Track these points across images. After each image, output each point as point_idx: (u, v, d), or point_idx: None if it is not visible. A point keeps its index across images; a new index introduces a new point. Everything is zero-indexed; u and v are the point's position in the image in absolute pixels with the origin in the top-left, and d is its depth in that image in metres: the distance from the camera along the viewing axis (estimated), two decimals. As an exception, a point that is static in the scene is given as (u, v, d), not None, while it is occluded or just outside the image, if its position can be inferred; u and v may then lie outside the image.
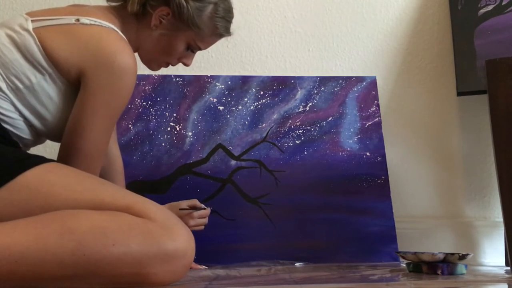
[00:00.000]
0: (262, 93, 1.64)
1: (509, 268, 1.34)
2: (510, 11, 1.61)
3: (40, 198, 0.86)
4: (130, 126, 1.56)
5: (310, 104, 1.64)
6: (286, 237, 1.48)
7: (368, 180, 1.56)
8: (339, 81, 1.67)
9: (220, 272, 1.19)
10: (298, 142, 1.60)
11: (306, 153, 1.59)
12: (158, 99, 1.60)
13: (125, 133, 1.55)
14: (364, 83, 1.67)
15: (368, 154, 1.59)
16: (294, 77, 1.68)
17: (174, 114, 1.59)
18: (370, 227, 1.51)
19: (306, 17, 1.79)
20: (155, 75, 1.61)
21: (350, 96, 1.65)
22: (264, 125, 1.61)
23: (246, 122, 1.61)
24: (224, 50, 1.76)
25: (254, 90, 1.64)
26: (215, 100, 1.62)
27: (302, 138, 1.60)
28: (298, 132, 1.61)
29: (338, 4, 1.79)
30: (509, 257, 1.20)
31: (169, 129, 1.58)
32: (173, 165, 1.54)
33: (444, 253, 1.07)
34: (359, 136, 1.61)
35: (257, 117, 1.62)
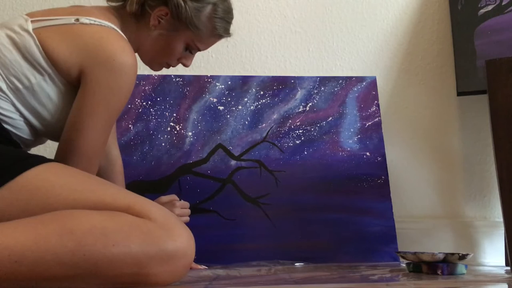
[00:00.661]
0: (262, 93, 1.64)
1: (509, 268, 1.34)
2: (510, 11, 1.61)
3: (40, 198, 0.86)
4: (130, 126, 1.56)
5: (310, 104, 1.64)
6: (286, 237, 1.48)
7: (368, 180, 1.56)
8: (339, 81, 1.67)
9: (220, 272, 1.19)
10: (298, 142, 1.60)
11: (306, 153, 1.59)
12: (158, 99, 1.60)
13: (125, 133, 1.55)
14: (364, 83, 1.67)
15: (368, 154, 1.59)
16: (294, 77, 1.68)
17: (174, 114, 1.59)
18: (370, 227, 1.51)
19: (306, 17, 1.79)
20: (155, 75, 1.61)
21: (350, 96, 1.65)
22: (264, 125, 1.61)
23: (246, 122, 1.61)
24: (224, 50, 1.76)
25: (254, 90, 1.64)
26: (215, 100, 1.62)
27: (302, 138, 1.60)
28: (298, 132, 1.61)
29: (338, 4, 1.79)
30: (509, 257, 1.20)
31: (169, 129, 1.58)
32: (173, 165, 1.54)
33: (444, 253, 1.07)
34: (359, 136, 1.61)
35: (257, 117, 1.62)
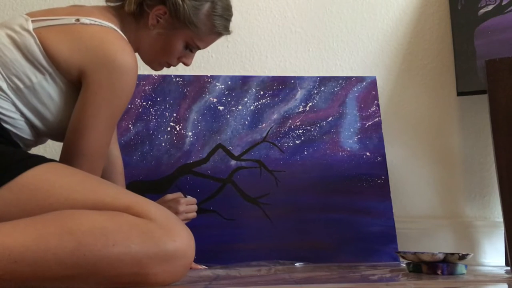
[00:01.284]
0: (262, 93, 1.64)
1: (509, 268, 1.34)
2: (510, 11, 1.61)
3: (40, 198, 0.86)
4: (130, 126, 1.56)
5: (310, 104, 1.64)
6: (286, 237, 1.48)
7: (368, 180, 1.56)
8: (339, 81, 1.67)
9: (220, 272, 1.19)
10: (298, 142, 1.60)
11: (306, 153, 1.59)
12: (158, 99, 1.60)
13: (125, 133, 1.55)
14: (364, 83, 1.67)
15: (368, 154, 1.59)
16: (294, 77, 1.68)
17: (174, 114, 1.59)
18: (370, 227, 1.51)
19: (306, 17, 1.79)
20: (155, 75, 1.61)
21: (350, 96, 1.65)
22: (264, 125, 1.61)
23: (246, 122, 1.61)
24: (224, 50, 1.76)
25: (254, 90, 1.64)
26: (215, 100, 1.62)
27: (302, 138, 1.60)
28: (298, 132, 1.61)
29: (338, 4, 1.79)
30: (509, 257, 1.20)
31: (169, 129, 1.58)
32: (173, 165, 1.54)
33: (444, 253, 1.07)
34: (359, 136, 1.61)
35: (257, 117, 1.62)
